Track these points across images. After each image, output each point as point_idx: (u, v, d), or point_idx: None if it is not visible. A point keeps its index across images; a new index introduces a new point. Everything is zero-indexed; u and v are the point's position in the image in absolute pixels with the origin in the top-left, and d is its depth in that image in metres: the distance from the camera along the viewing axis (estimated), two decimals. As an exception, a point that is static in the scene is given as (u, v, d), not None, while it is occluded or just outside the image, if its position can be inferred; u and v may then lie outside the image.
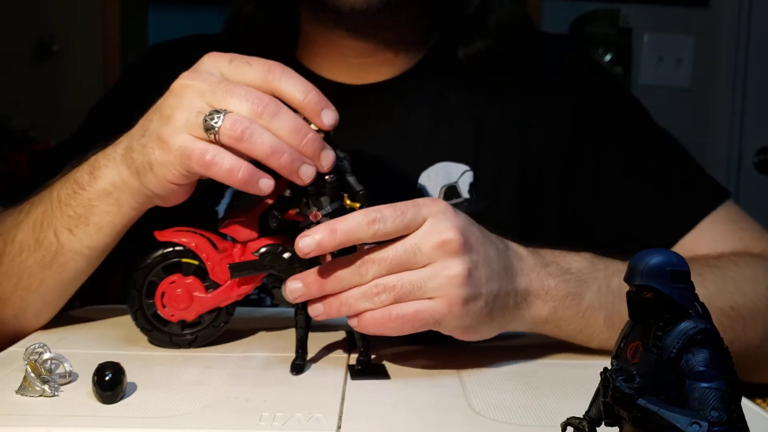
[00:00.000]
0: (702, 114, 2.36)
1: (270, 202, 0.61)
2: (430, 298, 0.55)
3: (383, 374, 0.58)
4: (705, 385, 0.33)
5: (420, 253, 0.55)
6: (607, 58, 2.29)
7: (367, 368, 0.58)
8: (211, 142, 0.56)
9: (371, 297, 0.55)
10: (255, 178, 0.56)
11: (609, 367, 0.36)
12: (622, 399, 0.34)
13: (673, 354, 0.33)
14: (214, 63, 0.59)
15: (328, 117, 0.58)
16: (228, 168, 0.56)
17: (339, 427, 0.47)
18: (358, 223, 0.55)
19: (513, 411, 0.50)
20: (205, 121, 0.55)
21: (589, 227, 0.83)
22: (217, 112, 0.55)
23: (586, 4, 2.31)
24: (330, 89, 0.86)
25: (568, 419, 0.39)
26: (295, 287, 0.57)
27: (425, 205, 0.57)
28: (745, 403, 0.43)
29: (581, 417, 0.39)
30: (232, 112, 0.55)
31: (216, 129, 0.55)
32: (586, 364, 0.61)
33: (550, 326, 0.62)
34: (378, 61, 0.82)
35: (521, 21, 0.84)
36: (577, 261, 0.63)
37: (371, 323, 0.55)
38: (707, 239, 0.78)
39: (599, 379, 0.36)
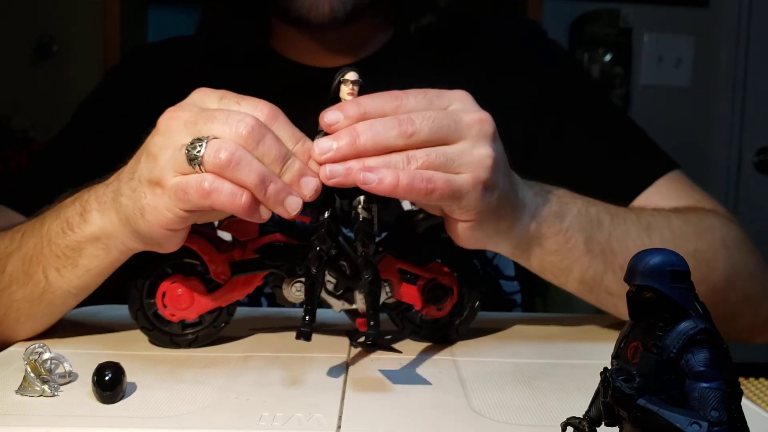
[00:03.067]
0: (702, 114, 2.37)
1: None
2: (458, 173, 0.55)
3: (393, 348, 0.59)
4: (705, 385, 0.33)
5: (460, 123, 0.55)
6: (607, 58, 2.28)
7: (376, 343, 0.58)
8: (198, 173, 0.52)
9: (400, 162, 0.54)
10: (257, 204, 0.53)
11: (609, 367, 0.36)
12: (622, 399, 0.34)
13: (673, 354, 0.33)
14: (202, 98, 0.57)
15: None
16: (229, 194, 0.51)
17: (339, 427, 0.47)
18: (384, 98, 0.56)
19: (513, 411, 0.50)
20: (188, 151, 0.51)
21: None
22: (200, 140, 0.52)
23: (586, 4, 2.31)
24: (303, 73, 0.88)
25: (568, 419, 0.39)
26: (324, 145, 0.54)
27: (449, 91, 0.58)
28: (745, 403, 0.43)
29: (581, 417, 0.39)
30: (214, 139, 0.52)
31: (199, 159, 0.51)
32: (586, 364, 0.61)
33: (533, 245, 0.63)
34: (347, 46, 0.87)
35: None
36: (555, 188, 0.66)
37: (393, 179, 0.53)
38: (663, 196, 0.82)
39: (599, 379, 0.36)
